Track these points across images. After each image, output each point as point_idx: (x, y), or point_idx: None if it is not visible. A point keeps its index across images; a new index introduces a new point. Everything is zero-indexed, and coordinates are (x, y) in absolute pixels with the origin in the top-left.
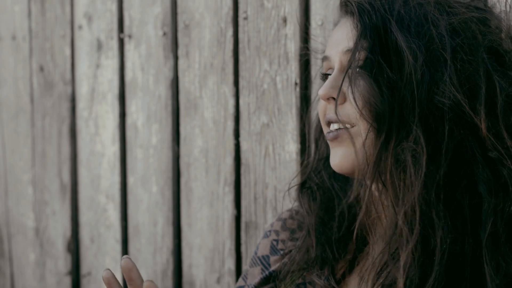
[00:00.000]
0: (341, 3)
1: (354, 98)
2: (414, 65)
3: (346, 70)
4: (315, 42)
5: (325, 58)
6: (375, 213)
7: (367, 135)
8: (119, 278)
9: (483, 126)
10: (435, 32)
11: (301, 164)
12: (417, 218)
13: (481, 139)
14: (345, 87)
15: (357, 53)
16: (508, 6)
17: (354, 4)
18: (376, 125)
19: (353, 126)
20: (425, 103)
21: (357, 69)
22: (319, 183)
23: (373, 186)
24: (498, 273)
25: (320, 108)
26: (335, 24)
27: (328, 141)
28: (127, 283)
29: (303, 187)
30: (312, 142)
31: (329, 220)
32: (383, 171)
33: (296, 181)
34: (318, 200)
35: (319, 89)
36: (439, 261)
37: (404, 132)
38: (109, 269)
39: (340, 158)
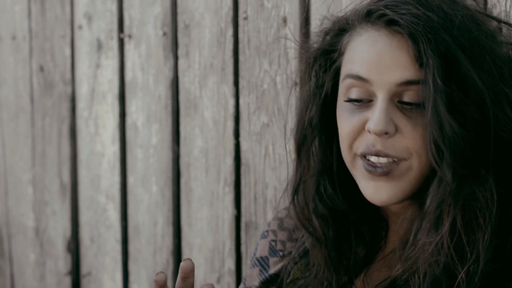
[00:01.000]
0: (378, 14)
1: (429, 135)
2: (489, 103)
3: (428, 107)
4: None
5: (359, 79)
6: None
7: (437, 177)
8: (119, 278)
9: None
10: (492, 63)
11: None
12: (481, 267)
13: None
14: (399, 120)
15: (422, 86)
16: (508, 6)
17: (414, 27)
18: (452, 167)
19: (402, 160)
20: (496, 143)
21: (417, 104)
22: (327, 201)
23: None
24: None
25: (350, 133)
26: (351, 29)
27: (368, 174)
28: (180, 283)
29: (295, 203)
30: (295, 156)
31: (342, 244)
32: (449, 212)
33: (288, 198)
34: (331, 225)
35: (370, 123)
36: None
37: (472, 175)
38: (163, 272)
39: (390, 194)
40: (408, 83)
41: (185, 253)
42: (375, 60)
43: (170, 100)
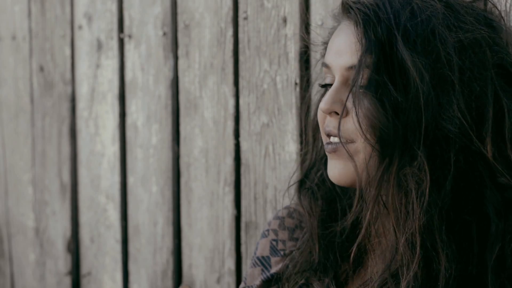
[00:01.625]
0: (342, 4)
1: (358, 120)
2: (421, 87)
3: (350, 89)
4: (315, 42)
5: (325, 65)
6: (375, 232)
7: (370, 156)
8: (119, 278)
9: (489, 154)
10: (442, 50)
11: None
12: (418, 245)
13: (490, 164)
14: (349, 103)
15: (361, 71)
16: (508, 6)
17: (358, 14)
18: (380, 148)
19: (352, 142)
20: (431, 128)
21: (361, 88)
22: (319, 183)
23: (376, 207)
24: None
25: (319, 117)
26: (336, 21)
27: (326, 152)
28: None
29: (302, 186)
30: (310, 139)
31: (331, 223)
32: (384, 193)
33: (296, 179)
34: (319, 201)
35: (321, 102)
36: (444, 286)
37: (408, 156)
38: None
39: (339, 171)
40: (353, 67)
41: (185, 253)
42: (335, 47)
43: (170, 100)
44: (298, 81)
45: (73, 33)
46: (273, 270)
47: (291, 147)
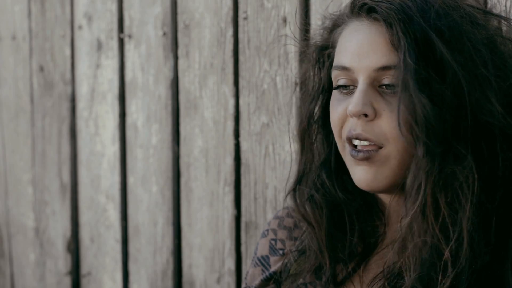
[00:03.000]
0: (360, 4)
1: (397, 118)
2: (464, 84)
3: (401, 89)
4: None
5: (343, 68)
6: (391, 227)
7: (413, 157)
8: (119, 278)
9: None
10: (472, 48)
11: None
12: (465, 245)
13: None
14: (378, 105)
15: (397, 70)
16: (508, 6)
17: (390, 13)
18: (423, 146)
19: (381, 147)
20: (472, 123)
21: (393, 86)
22: (319, 190)
23: (399, 203)
24: None
25: (337, 120)
26: (342, 23)
27: (353, 159)
28: None
29: (297, 194)
30: (299, 145)
31: (338, 233)
32: (428, 194)
33: (290, 186)
34: (324, 212)
35: (349, 106)
36: (467, 277)
37: (451, 154)
38: None
39: (372, 178)
40: (386, 68)
41: (185, 253)
42: (356, 48)
43: (170, 100)
44: (298, 81)
45: (73, 33)
46: (272, 269)
47: (293, 147)
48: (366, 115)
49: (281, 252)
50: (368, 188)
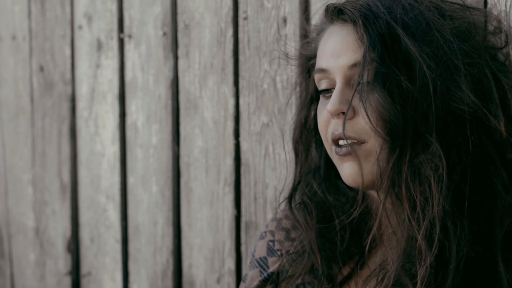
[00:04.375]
0: (331, 9)
1: (366, 114)
2: (429, 74)
3: (356, 85)
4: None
5: (321, 71)
6: (386, 225)
7: (381, 149)
8: (119, 278)
9: (503, 129)
10: (441, 38)
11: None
12: (437, 232)
13: (498, 141)
14: (355, 102)
15: (366, 67)
16: (508, 6)
17: (355, 13)
18: (390, 139)
19: (364, 142)
20: (441, 113)
21: (368, 83)
22: (311, 196)
23: (387, 200)
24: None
25: (322, 123)
26: (321, 30)
27: (338, 156)
28: None
29: (292, 201)
30: (294, 154)
31: (329, 233)
32: (398, 185)
33: (285, 195)
34: (314, 214)
35: (328, 105)
36: (455, 268)
37: (420, 145)
38: None
39: (356, 172)
40: (357, 65)
41: (185, 253)
42: (330, 50)
43: (170, 100)
44: (298, 81)
45: (73, 33)
46: (271, 269)
47: (291, 147)
48: (344, 113)
49: (279, 253)
50: (354, 184)
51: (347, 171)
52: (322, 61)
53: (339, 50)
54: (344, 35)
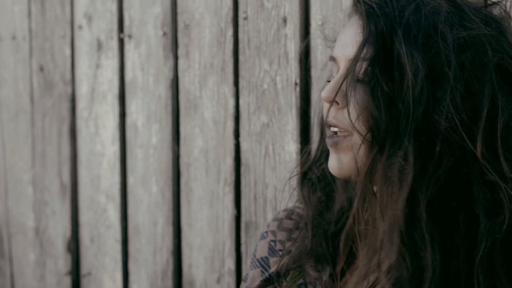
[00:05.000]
0: (354, 1)
1: (347, 107)
2: (412, 80)
3: (343, 78)
4: (315, 42)
5: (332, 59)
6: (364, 222)
7: (361, 145)
8: (119, 278)
9: (478, 152)
10: (442, 46)
11: (301, 156)
12: (397, 234)
13: (479, 162)
14: (348, 93)
15: (360, 62)
16: (508, 6)
17: (363, 6)
18: (370, 137)
19: (350, 134)
20: (420, 120)
21: (357, 78)
22: (320, 175)
23: (365, 196)
24: None
25: (323, 109)
26: (349, 17)
27: (328, 146)
28: None
29: (304, 178)
30: (314, 132)
31: (327, 213)
32: (374, 182)
33: (297, 171)
34: (318, 193)
35: (322, 91)
36: (430, 278)
37: (397, 147)
38: None
39: (337, 163)
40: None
41: (185, 253)
42: (342, 40)
43: (170, 100)
44: (298, 81)
45: (73, 33)
46: (272, 269)
47: (291, 147)
48: (337, 103)
49: (280, 253)
50: (336, 174)
51: (331, 161)
52: (334, 50)
53: (347, 41)
54: (354, 27)
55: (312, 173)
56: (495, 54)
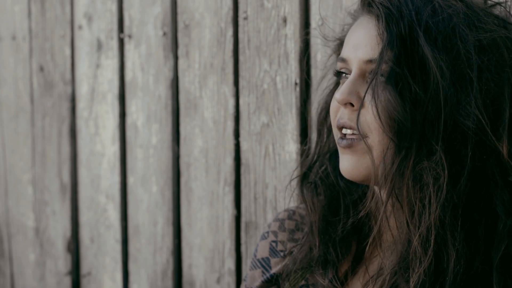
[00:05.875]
0: (363, 0)
1: (377, 111)
2: (441, 83)
3: (370, 81)
4: (315, 42)
5: (342, 60)
6: (386, 228)
7: (387, 149)
8: (119, 278)
9: (505, 151)
10: (462, 48)
11: (301, 156)
12: (432, 240)
13: (501, 162)
14: (367, 96)
15: (383, 64)
16: (508, 6)
17: (380, 8)
18: (397, 140)
19: (366, 137)
20: (449, 123)
21: (381, 80)
22: (323, 178)
23: (389, 201)
24: None
25: (333, 109)
26: (353, 18)
27: (339, 147)
28: None
29: (305, 180)
30: (314, 132)
31: (333, 218)
32: (400, 187)
33: (297, 174)
34: (322, 197)
35: (336, 92)
36: (452, 281)
37: (425, 151)
38: None
39: (353, 166)
40: (373, 61)
41: (185, 253)
42: (353, 41)
43: (170, 100)
44: (298, 81)
45: (73, 33)
46: (273, 270)
47: (291, 147)
48: (352, 105)
49: (282, 254)
50: (349, 177)
51: (344, 163)
52: (344, 51)
53: (360, 43)
54: (369, 28)
55: (313, 176)
56: (511, 56)
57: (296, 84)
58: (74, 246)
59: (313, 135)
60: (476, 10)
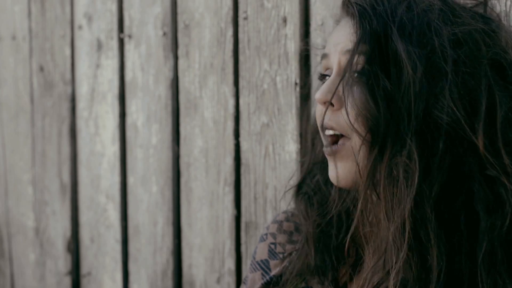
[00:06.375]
0: (343, 2)
1: (346, 109)
2: (412, 76)
3: (343, 75)
4: (315, 42)
5: (324, 56)
6: (369, 224)
7: (360, 146)
8: (119, 278)
9: (480, 144)
10: (437, 43)
11: (301, 156)
12: (406, 235)
13: (479, 156)
14: (345, 93)
15: (356, 58)
16: (508, 6)
17: (355, 7)
18: (370, 138)
19: (348, 139)
20: (421, 117)
21: (354, 75)
22: (315, 188)
23: (368, 198)
24: None
25: (317, 112)
26: (337, 23)
27: (326, 155)
28: None
29: (299, 191)
30: (308, 144)
31: (327, 226)
32: (377, 184)
33: (293, 183)
34: (315, 206)
35: (316, 92)
36: (437, 278)
37: (399, 146)
38: None
39: (339, 172)
40: (348, 51)
41: (185, 253)
42: (334, 40)
43: (170, 100)
44: (298, 81)
45: (73, 33)
46: (273, 273)
47: (291, 147)
48: (332, 105)
49: (281, 256)
50: (338, 183)
51: (332, 171)
52: (325, 49)
53: (340, 39)
54: (347, 27)
55: (307, 186)
56: (489, 50)
57: (296, 84)
58: (74, 246)
59: (308, 144)
60: (452, 5)
